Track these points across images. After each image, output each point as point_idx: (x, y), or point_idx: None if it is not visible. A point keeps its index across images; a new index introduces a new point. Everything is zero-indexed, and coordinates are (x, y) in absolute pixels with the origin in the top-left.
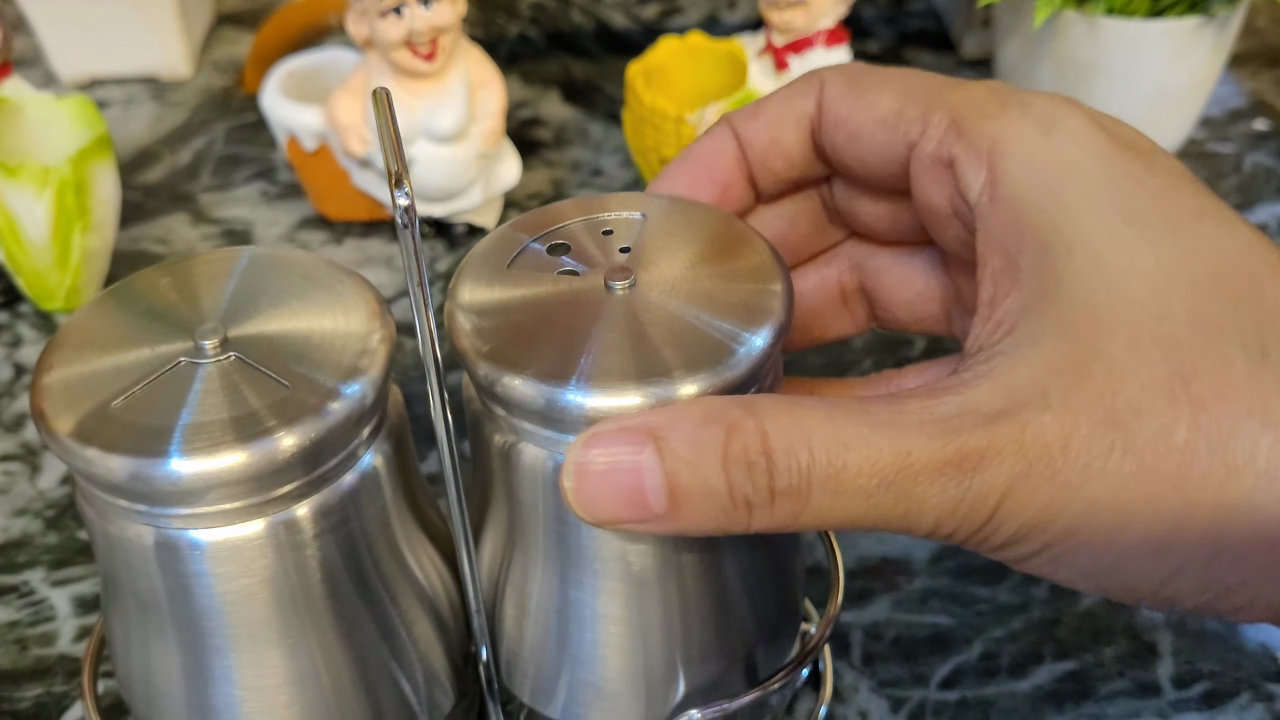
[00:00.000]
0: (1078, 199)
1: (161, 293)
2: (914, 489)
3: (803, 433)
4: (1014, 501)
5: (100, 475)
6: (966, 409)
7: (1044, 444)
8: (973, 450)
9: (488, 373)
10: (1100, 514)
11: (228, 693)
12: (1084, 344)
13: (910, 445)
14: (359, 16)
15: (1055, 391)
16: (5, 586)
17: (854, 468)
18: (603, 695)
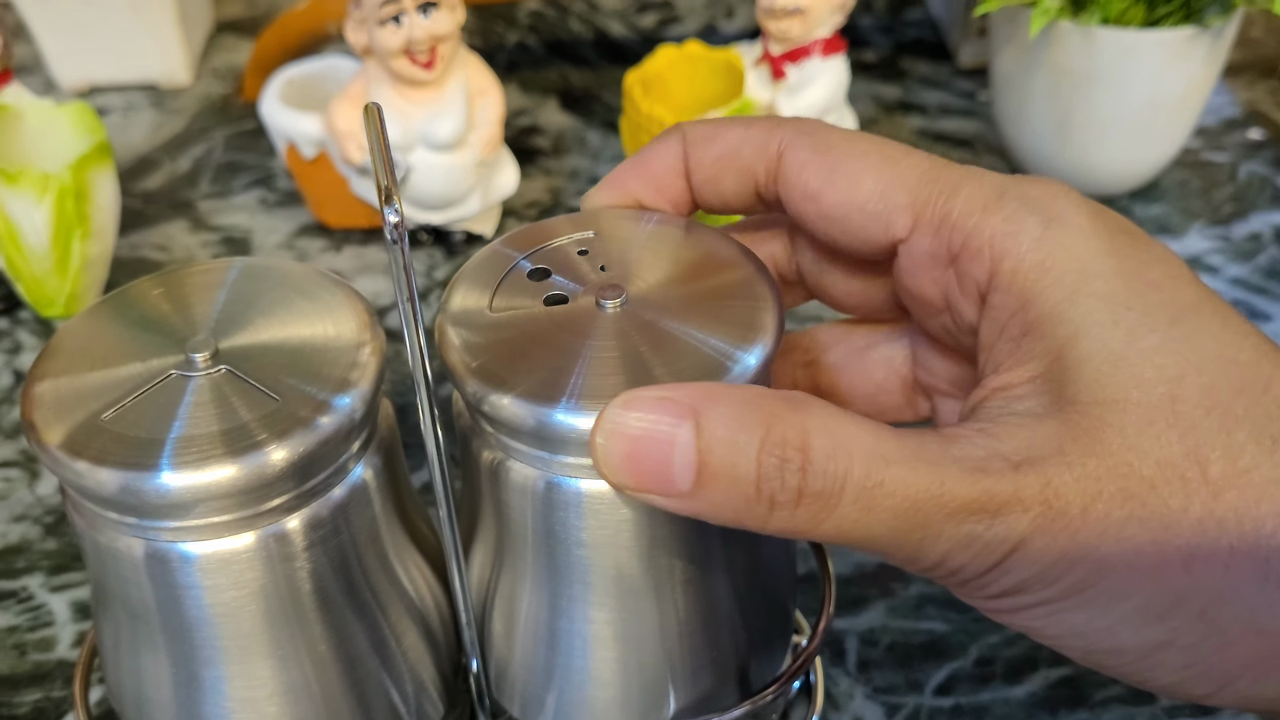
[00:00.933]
0: (1083, 289)
1: (153, 303)
2: (937, 520)
3: (846, 438)
4: (1027, 551)
5: (90, 488)
6: (993, 453)
7: (1065, 501)
8: (998, 494)
9: (477, 390)
10: (1108, 577)
11: (218, 704)
12: (1099, 417)
13: (945, 477)
14: (358, 25)
15: (1075, 454)
16: (4, 592)
17: (890, 486)
18: (593, 709)
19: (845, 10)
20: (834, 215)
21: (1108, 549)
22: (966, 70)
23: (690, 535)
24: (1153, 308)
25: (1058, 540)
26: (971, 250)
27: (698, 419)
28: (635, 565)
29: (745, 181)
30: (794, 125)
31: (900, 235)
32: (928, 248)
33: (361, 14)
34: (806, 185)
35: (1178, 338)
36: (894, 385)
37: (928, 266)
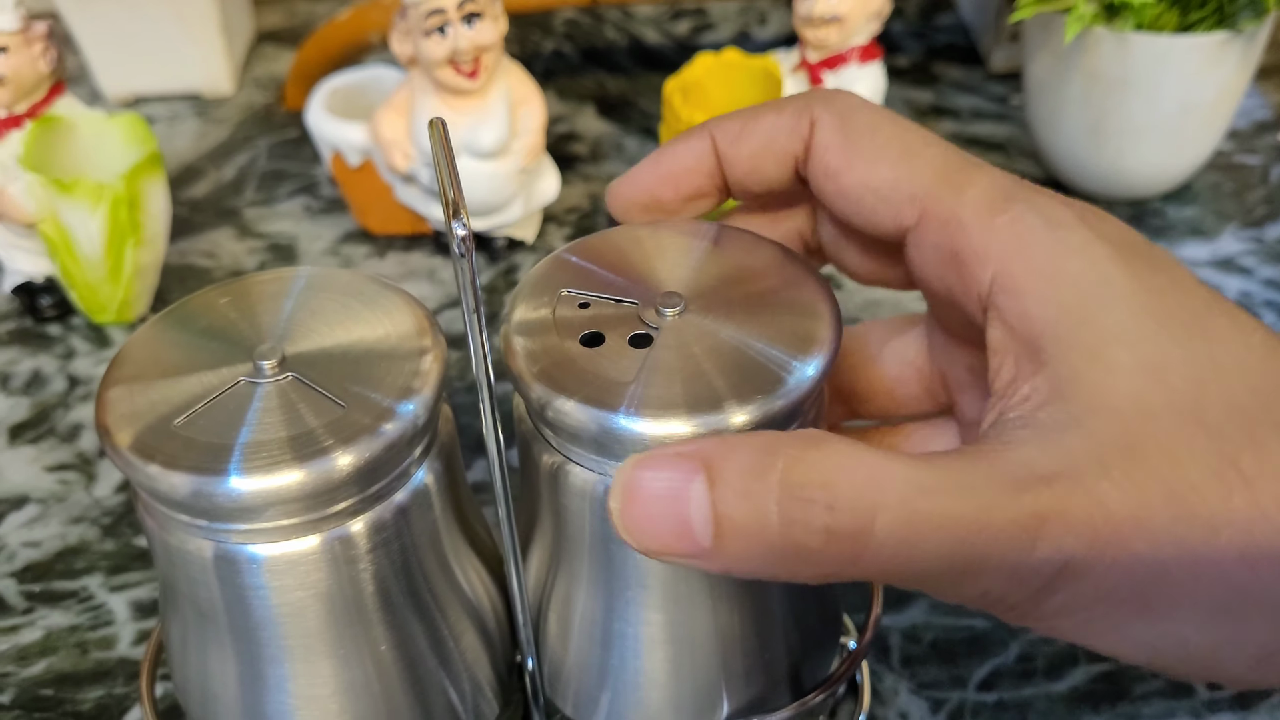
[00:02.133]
0: (1100, 297)
1: (221, 312)
2: (980, 546)
3: (874, 470)
4: (1076, 568)
5: (162, 491)
6: (1024, 467)
7: (1109, 512)
8: (1039, 511)
9: (540, 396)
10: (1168, 584)
11: (281, 701)
12: (1133, 425)
13: (989, 500)
14: (403, 35)
15: (1115, 464)
16: (65, 592)
17: (934, 518)
18: (645, 711)
19: (881, 18)
20: (849, 195)
21: (1164, 555)
22: (998, 75)
23: None
24: (1168, 315)
25: (1107, 553)
26: (975, 251)
27: (710, 472)
28: (688, 572)
29: (785, 164)
30: (823, 102)
31: (908, 224)
32: (934, 241)
33: (407, 25)
34: (828, 165)
35: (1196, 345)
36: (910, 377)
37: (934, 260)
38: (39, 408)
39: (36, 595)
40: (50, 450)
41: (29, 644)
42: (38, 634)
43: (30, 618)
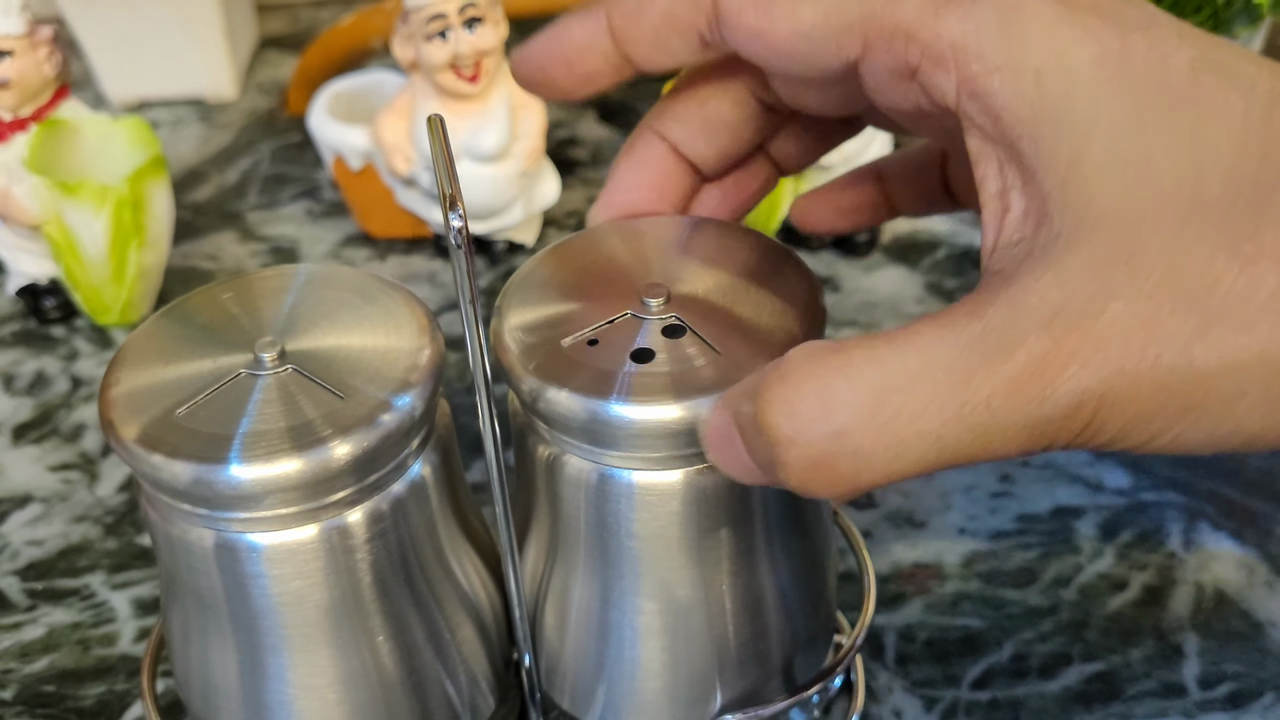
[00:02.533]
0: (1067, 87)
1: (223, 307)
2: (986, 418)
3: (837, 387)
4: (1112, 403)
5: (164, 480)
6: (1021, 313)
7: (1126, 335)
8: (1040, 358)
9: (533, 388)
10: (1211, 386)
11: (281, 690)
12: (1133, 229)
13: (970, 367)
14: (405, 40)
15: (1120, 279)
16: (67, 590)
17: (909, 413)
18: (640, 702)
19: None
20: (782, 49)
21: (1196, 361)
22: None
23: (737, 529)
24: (1148, 91)
25: (1140, 378)
26: (932, 60)
27: (735, 418)
28: (684, 557)
29: (689, 38)
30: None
31: (853, 56)
32: (885, 64)
33: (409, 30)
34: (748, 26)
35: (1183, 123)
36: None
37: (893, 84)
38: (43, 408)
39: (39, 593)
40: (54, 450)
41: (32, 641)
42: (40, 631)
43: (33, 615)
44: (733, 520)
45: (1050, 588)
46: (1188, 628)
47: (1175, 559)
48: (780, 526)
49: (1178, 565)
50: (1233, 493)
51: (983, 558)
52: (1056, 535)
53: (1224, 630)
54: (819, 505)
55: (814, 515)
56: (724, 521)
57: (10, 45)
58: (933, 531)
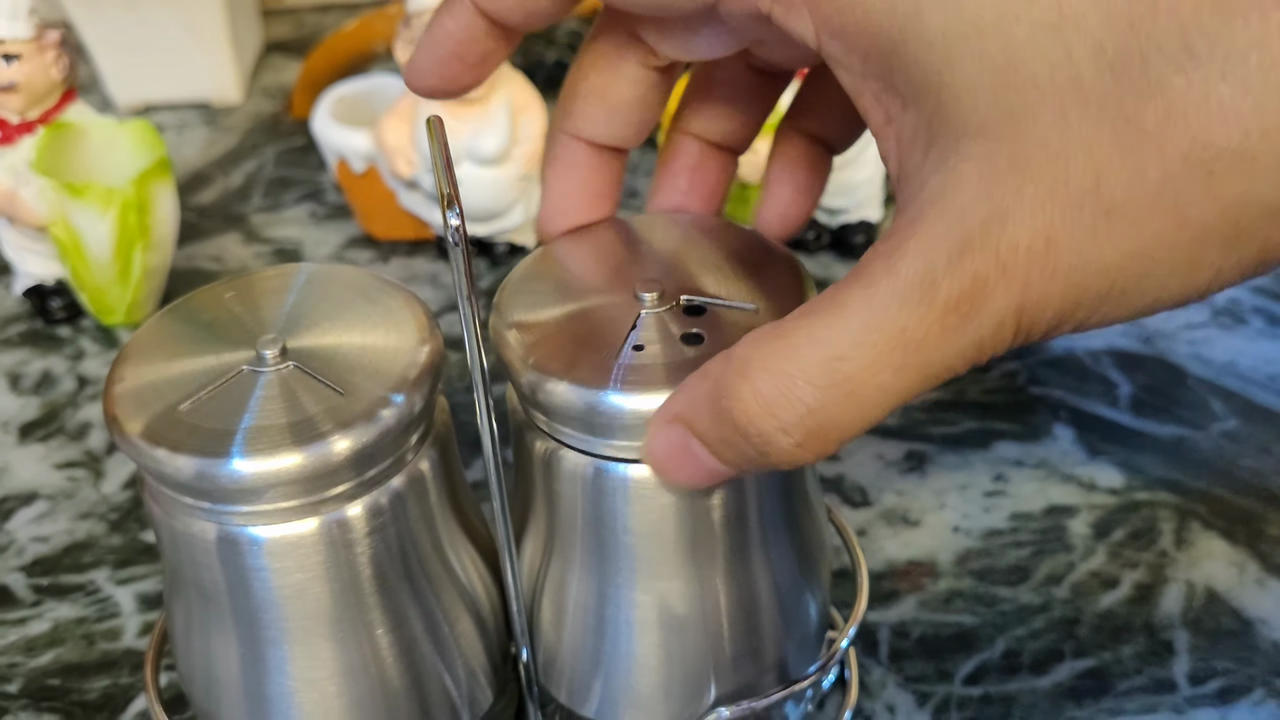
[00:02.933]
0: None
1: (226, 306)
2: (928, 356)
3: (795, 370)
4: (1031, 312)
5: (168, 474)
6: (932, 255)
7: (1026, 250)
8: (958, 292)
9: (531, 380)
10: (1120, 275)
11: (281, 683)
12: (1012, 134)
13: (902, 322)
14: (407, 44)
15: (1010, 193)
16: (72, 585)
17: (860, 373)
18: (637, 696)
19: None
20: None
21: (1095, 260)
22: None
23: (732, 525)
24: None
25: (1050, 288)
26: (784, 4)
27: (688, 426)
28: (679, 552)
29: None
30: None
31: (710, 1)
32: (739, 7)
33: (410, 34)
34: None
35: (1046, 6)
36: None
37: (753, 26)
38: (49, 407)
39: (45, 588)
40: (59, 448)
41: (37, 635)
42: (46, 626)
43: (38, 610)
44: (728, 516)
45: (1042, 585)
46: (1178, 625)
47: (1166, 557)
48: (775, 523)
49: (1169, 563)
50: (1224, 492)
51: (976, 555)
52: (1049, 534)
53: (1214, 628)
54: (813, 503)
55: (808, 512)
56: (719, 517)
57: (18, 49)
58: (926, 530)
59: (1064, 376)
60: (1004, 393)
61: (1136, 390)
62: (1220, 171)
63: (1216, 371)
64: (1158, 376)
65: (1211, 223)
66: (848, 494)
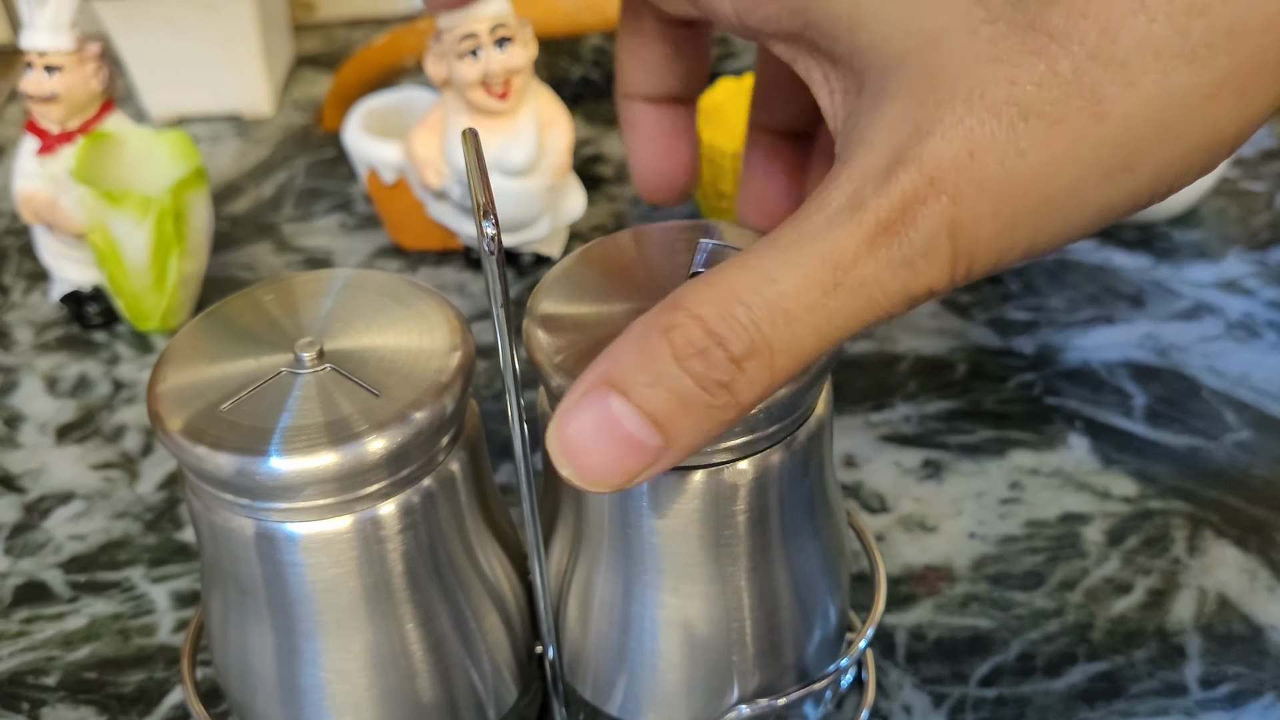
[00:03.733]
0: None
1: (265, 309)
2: (861, 276)
3: (728, 292)
4: (966, 229)
5: (208, 470)
6: (860, 180)
7: (950, 164)
8: (887, 210)
9: (560, 384)
10: (1052, 184)
11: (315, 674)
12: (926, 57)
13: (829, 242)
14: (438, 58)
15: (930, 112)
16: (108, 582)
17: (791, 291)
18: (660, 693)
19: None
20: None
21: (1020, 168)
22: None
23: (755, 527)
24: None
25: (975, 199)
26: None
27: (617, 386)
28: (704, 552)
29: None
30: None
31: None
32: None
33: (441, 48)
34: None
35: None
36: None
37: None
38: (85, 410)
39: (81, 585)
40: (95, 450)
41: (74, 630)
42: (82, 621)
43: (75, 606)
44: (751, 519)
45: (1057, 590)
46: (1190, 630)
47: (1179, 564)
48: (796, 525)
49: (1182, 570)
50: (1237, 501)
51: (991, 561)
52: (1064, 540)
53: (1226, 633)
54: (833, 507)
55: (828, 515)
56: (742, 520)
57: (60, 61)
58: (943, 535)
59: (1079, 387)
60: (1020, 403)
61: (1151, 401)
62: (1133, 62)
63: (1230, 384)
64: (1172, 388)
65: (1134, 117)
66: (866, 501)
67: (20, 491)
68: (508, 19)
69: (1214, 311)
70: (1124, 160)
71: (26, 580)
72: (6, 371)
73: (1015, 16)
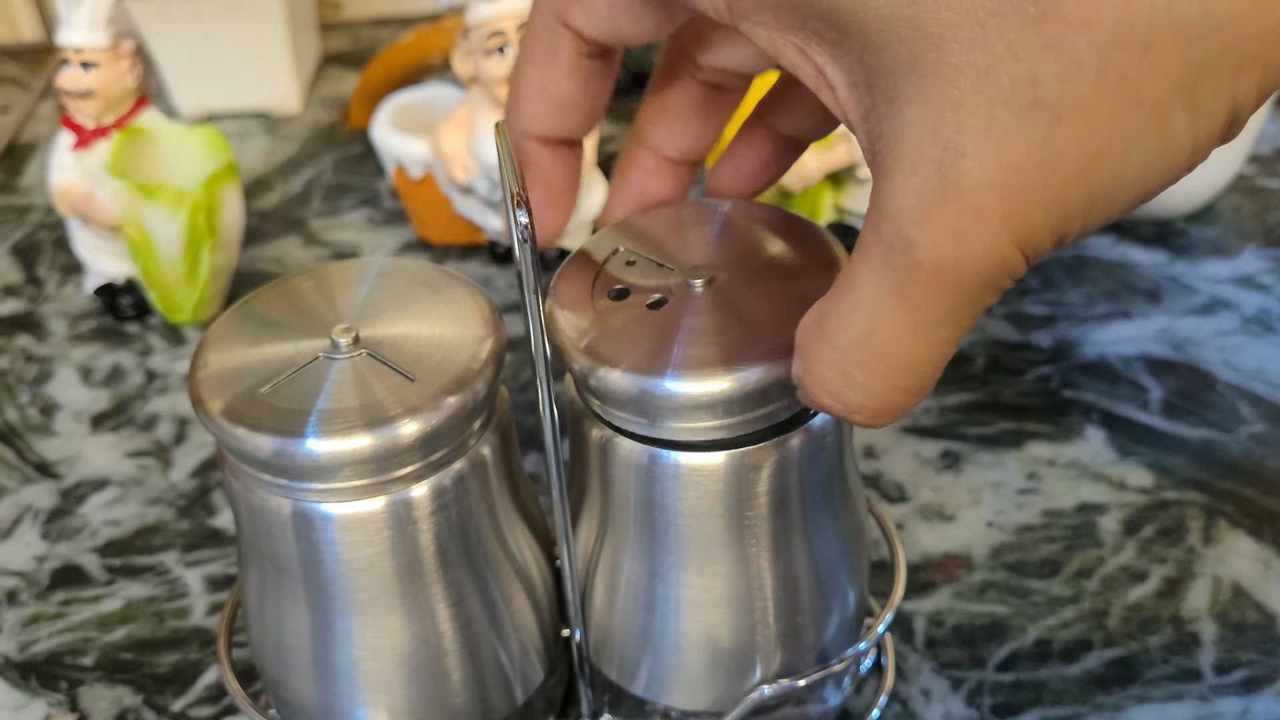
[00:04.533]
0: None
1: (302, 295)
2: (934, 314)
3: (839, 360)
4: (1026, 240)
5: (248, 451)
6: (899, 216)
7: (989, 182)
8: (939, 248)
9: (585, 366)
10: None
11: (349, 652)
12: (941, 59)
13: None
14: (465, 55)
15: (954, 127)
16: (143, 566)
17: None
18: (684, 674)
19: None
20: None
21: (1061, 170)
22: None
23: (777, 510)
24: None
25: (1025, 211)
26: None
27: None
28: (728, 534)
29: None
30: None
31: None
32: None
33: (469, 45)
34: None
35: None
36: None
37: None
38: (118, 399)
39: (117, 569)
40: (129, 438)
41: (110, 613)
42: (118, 604)
43: (111, 589)
44: (773, 501)
45: (1073, 578)
46: (1205, 617)
47: (1194, 553)
48: (818, 509)
49: (1196, 559)
50: (1252, 492)
51: (1009, 549)
52: (1080, 529)
53: (1240, 620)
54: (854, 493)
55: (849, 501)
56: (765, 502)
57: (96, 58)
58: (962, 524)
59: (1096, 381)
60: (1037, 395)
61: (1167, 394)
62: (1157, 43)
63: (1246, 377)
64: (1188, 381)
65: (1166, 95)
66: (886, 490)
67: (57, 478)
68: None
69: (1230, 306)
70: (1162, 140)
71: (64, 564)
72: (42, 362)
73: (1024, 8)
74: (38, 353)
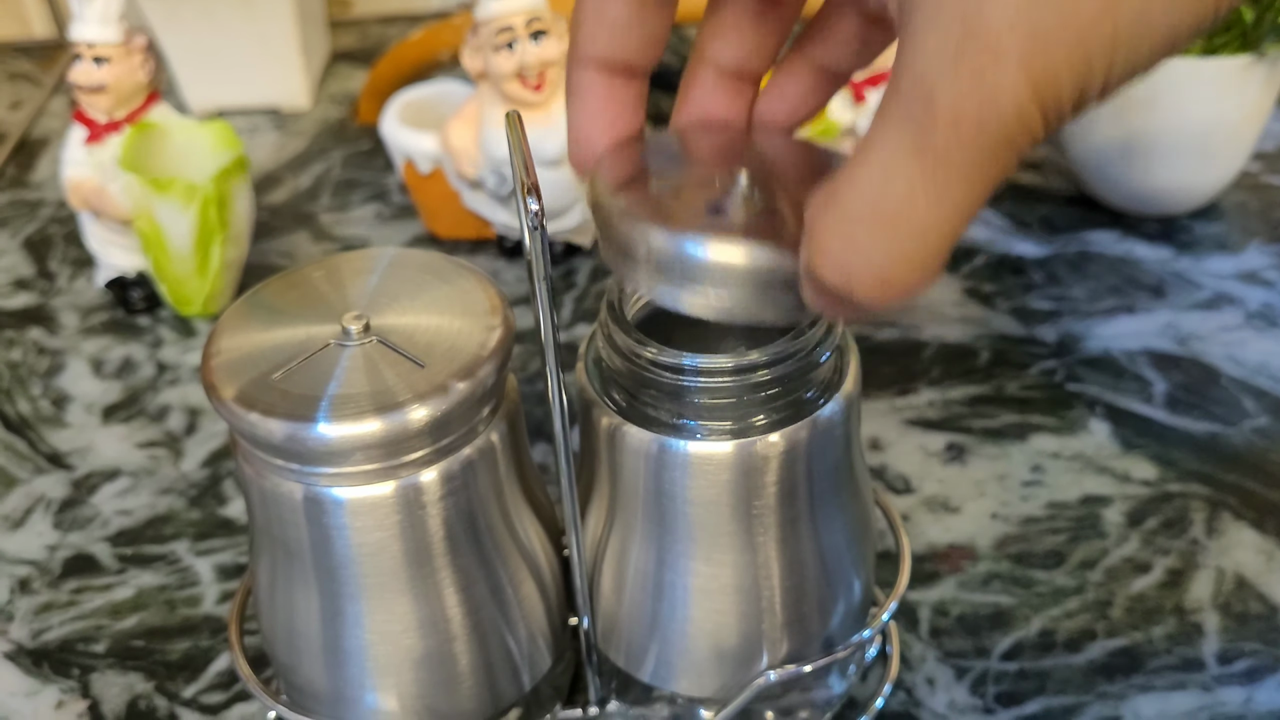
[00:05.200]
0: None
1: (314, 285)
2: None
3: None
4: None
5: (260, 436)
6: (921, 67)
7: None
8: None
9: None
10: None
11: (359, 636)
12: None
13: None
14: (474, 51)
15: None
16: (155, 555)
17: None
18: (691, 660)
19: None
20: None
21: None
22: None
23: (785, 499)
24: None
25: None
26: None
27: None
28: (735, 522)
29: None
30: None
31: None
32: None
33: (478, 41)
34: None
35: None
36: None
37: None
38: (129, 391)
39: (128, 558)
40: (140, 429)
41: (122, 600)
42: (130, 592)
43: (123, 577)
44: (781, 491)
45: (1077, 569)
46: (1208, 608)
47: (1198, 545)
48: (825, 498)
49: (1200, 551)
50: (1255, 485)
51: (1013, 540)
52: (1084, 521)
53: (1243, 611)
54: (860, 483)
55: (855, 491)
56: (773, 492)
57: (108, 53)
58: (966, 516)
59: (1101, 375)
60: (1042, 389)
61: (1171, 388)
62: None
63: (1249, 372)
64: (1192, 376)
65: None
66: (891, 482)
67: (68, 469)
68: (543, 12)
69: (1234, 302)
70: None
71: (76, 553)
72: (54, 354)
73: None
74: (49, 345)
